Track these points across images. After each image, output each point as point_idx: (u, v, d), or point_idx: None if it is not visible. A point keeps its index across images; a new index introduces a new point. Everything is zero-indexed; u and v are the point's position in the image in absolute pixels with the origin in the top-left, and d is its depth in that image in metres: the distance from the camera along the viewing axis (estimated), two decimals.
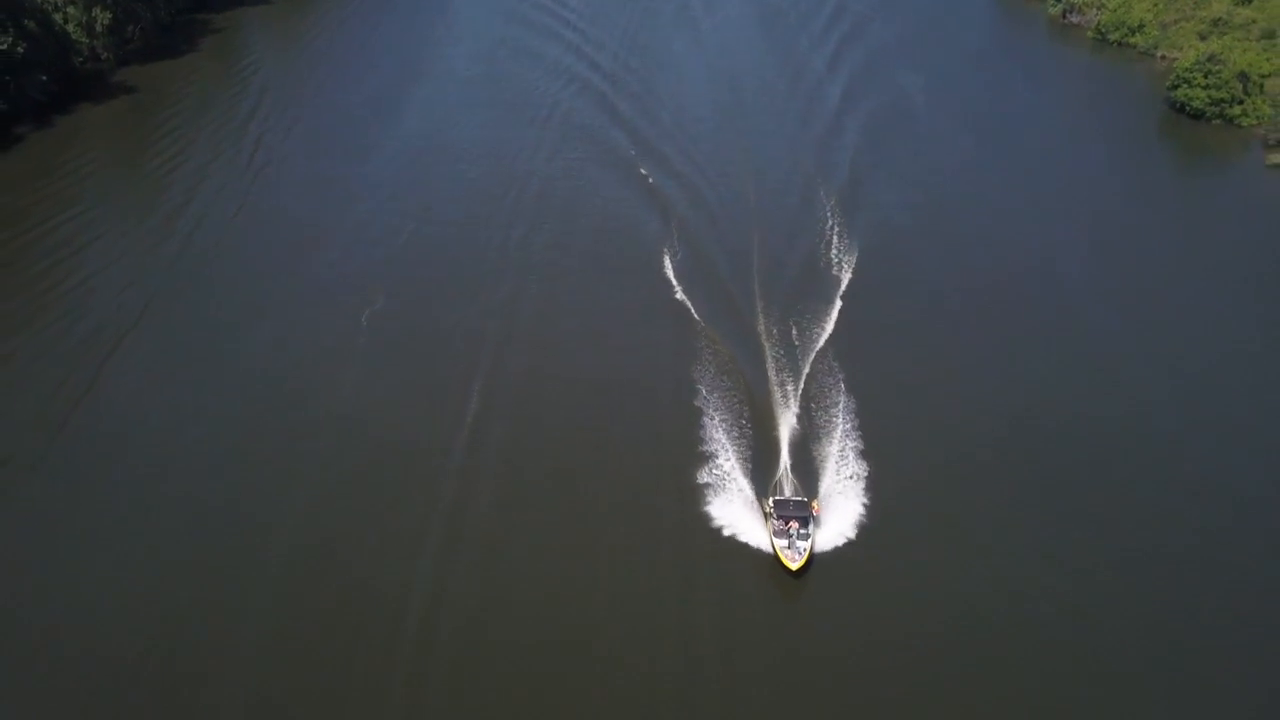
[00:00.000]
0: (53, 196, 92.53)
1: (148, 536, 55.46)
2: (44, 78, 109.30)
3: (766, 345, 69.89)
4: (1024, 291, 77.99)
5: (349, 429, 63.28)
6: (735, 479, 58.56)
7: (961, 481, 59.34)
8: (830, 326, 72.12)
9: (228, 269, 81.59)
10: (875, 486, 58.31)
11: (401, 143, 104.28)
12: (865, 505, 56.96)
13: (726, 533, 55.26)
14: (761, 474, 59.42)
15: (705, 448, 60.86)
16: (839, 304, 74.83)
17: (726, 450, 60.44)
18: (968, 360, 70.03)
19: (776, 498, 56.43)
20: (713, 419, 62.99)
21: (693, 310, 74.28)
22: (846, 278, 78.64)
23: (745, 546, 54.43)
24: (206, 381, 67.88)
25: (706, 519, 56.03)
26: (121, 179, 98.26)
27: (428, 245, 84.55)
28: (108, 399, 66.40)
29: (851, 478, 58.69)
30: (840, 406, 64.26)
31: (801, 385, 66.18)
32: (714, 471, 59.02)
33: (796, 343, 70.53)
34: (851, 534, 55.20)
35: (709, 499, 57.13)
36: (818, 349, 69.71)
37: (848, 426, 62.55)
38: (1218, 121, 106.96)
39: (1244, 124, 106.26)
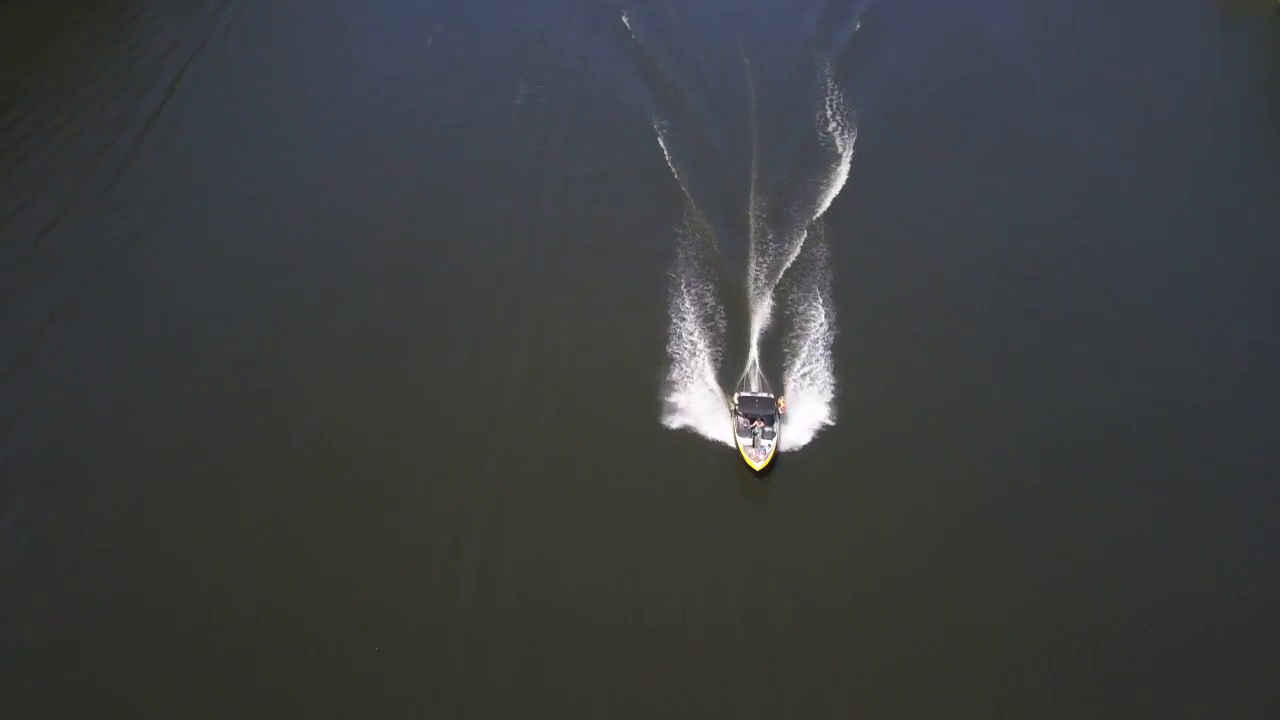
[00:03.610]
0: None
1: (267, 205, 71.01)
2: None
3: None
4: (996, 112, 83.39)
5: (426, 108, 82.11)
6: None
7: (943, 368, 57.35)
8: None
9: (303, 9, 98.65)
10: (849, 376, 55.97)
11: None
12: (833, 398, 54.57)
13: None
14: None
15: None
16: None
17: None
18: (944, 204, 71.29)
19: (741, 394, 53.86)
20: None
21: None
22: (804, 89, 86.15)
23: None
24: (297, 84, 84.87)
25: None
26: None
27: None
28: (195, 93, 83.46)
29: (823, 366, 56.46)
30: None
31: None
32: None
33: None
34: (819, 431, 52.94)
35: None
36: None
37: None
38: None
39: None
